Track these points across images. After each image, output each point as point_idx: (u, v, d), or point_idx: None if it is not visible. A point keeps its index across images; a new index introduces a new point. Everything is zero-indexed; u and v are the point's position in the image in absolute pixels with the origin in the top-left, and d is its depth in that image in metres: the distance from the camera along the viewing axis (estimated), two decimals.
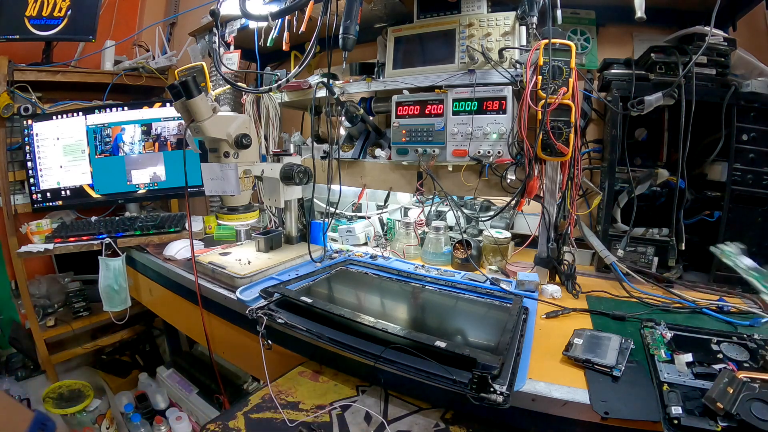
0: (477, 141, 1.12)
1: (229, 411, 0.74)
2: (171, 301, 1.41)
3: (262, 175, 1.21)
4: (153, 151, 1.87)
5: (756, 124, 1.02)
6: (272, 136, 1.65)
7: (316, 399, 0.77)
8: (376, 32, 1.40)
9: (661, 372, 0.67)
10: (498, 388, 0.62)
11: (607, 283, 1.11)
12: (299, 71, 1.24)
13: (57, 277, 2.12)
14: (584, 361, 0.70)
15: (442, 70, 1.17)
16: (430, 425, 0.70)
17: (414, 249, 1.40)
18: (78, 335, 1.99)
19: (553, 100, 0.98)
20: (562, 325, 0.88)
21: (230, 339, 1.16)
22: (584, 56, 1.31)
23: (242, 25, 1.57)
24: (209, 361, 1.65)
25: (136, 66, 2.21)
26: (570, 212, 1.10)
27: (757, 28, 1.19)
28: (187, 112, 1.01)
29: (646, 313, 0.91)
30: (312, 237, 1.36)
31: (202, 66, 1.50)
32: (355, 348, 0.77)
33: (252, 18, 1.30)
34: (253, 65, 1.82)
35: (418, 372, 0.69)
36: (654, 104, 1.03)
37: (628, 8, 1.02)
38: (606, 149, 1.22)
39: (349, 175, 1.44)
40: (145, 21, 2.59)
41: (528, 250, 1.24)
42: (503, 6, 1.15)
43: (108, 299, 1.59)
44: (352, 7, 1.02)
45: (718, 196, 1.09)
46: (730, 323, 0.87)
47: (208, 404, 1.68)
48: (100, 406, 1.82)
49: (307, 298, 0.91)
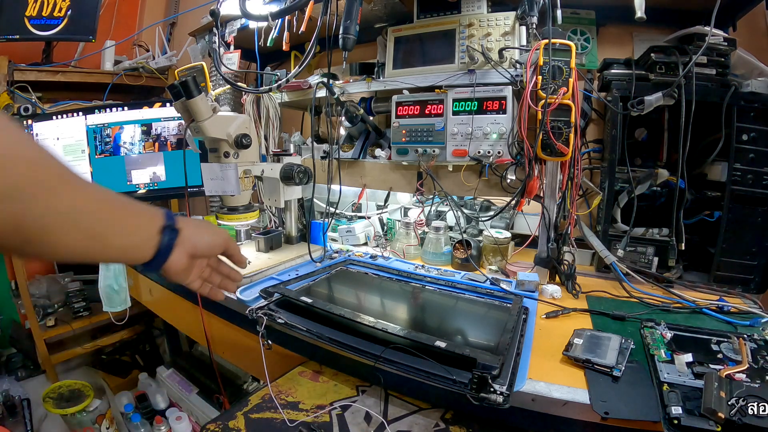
0: (477, 141, 1.12)
1: (229, 411, 0.74)
2: (171, 301, 1.41)
3: (262, 175, 1.21)
4: (153, 151, 1.87)
5: (756, 124, 1.02)
6: (272, 136, 1.65)
7: (316, 399, 0.77)
8: (376, 32, 1.40)
9: (661, 372, 0.67)
10: (498, 388, 0.62)
11: (607, 283, 1.11)
12: (299, 71, 1.24)
13: (57, 277, 2.12)
14: (584, 361, 0.70)
15: (442, 70, 1.17)
16: (430, 425, 0.70)
17: (414, 249, 1.40)
18: (78, 335, 2.00)
19: (553, 100, 0.98)
20: (562, 325, 0.88)
21: (230, 339, 1.16)
22: (584, 56, 1.31)
23: (242, 25, 1.57)
24: (209, 361, 1.65)
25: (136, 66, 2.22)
26: (570, 212, 1.10)
27: (757, 28, 1.19)
28: (187, 112, 1.01)
29: (646, 313, 0.91)
30: (312, 237, 1.36)
31: (202, 66, 1.50)
32: (355, 348, 0.77)
33: (252, 18, 1.30)
34: (253, 65, 1.82)
35: (418, 372, 0.69)
36: (654, 104, 1.03)
37: (628, 8, 1.02)
38: (606, 149, 1.22)
39: (349, 175, 1.44)
40: (145, 21, 2.60)
41: (528, 250, 1.24)
42: (503, 6, 1.15)
43: (108, 299, 1.59)
44: (352, 7, 1.02)
45: (718, 196, 1.09)
46: (730, 323, 0.87)
47: (208, 404, 1.68)
48: (100, 406, 1.82)
49: (307, 298, 0.91)
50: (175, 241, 0.55)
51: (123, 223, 0.49)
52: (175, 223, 0.55)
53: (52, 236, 0.42)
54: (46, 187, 0.40)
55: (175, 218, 0.56)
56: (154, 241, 0.53)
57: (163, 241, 0.53)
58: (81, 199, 0.44)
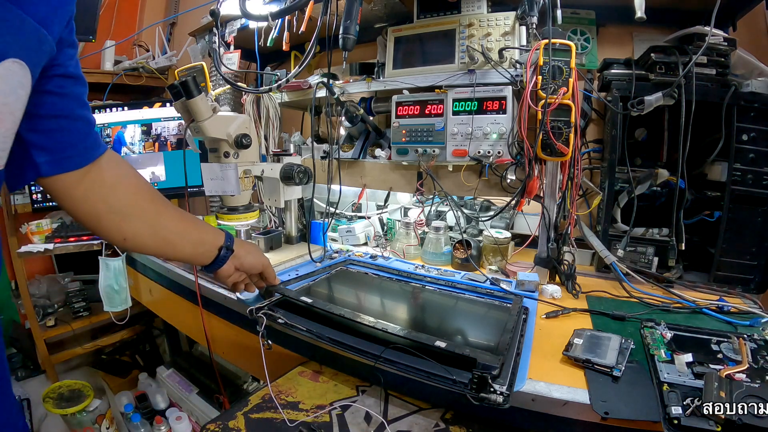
0: (477, 141, 1.12)
1: (229, 411, 0.74)
2: (171, 301, 1.41)
3: (262, 175, 1.21)
4: (153, 151, 1.87)
5: (756, 124, 1.02)
6: (272, 136, 1.65)
7: (316, 399, 0.77)
8: (376, 32, 1.40)
9: (661, 372, 0.67)
10: (498, 388, 0.62)
11: (607, 283, 1.11)
12: (299, 71, 1.24)
13: (57, 277, 2.12)
14: (584, 361, 0.70)
15: (442, 70, 1.17)
16: (430, 425, 0.70)
17: (414, 249, 1.40)
18: (78, 335, 1.99)
19: (553, 100, 0.98)
20: (562, 325, 0.88)
21: (230, 339, 1.16)
22: (584, 56, 1.31)
23: (242, 25, 1.57)
24: (209, 361, 1.65)
25: (136, 66, 2.22)
26: (570, 212, 1.10)
27: (757, 28, 1.19)
28: (187, 112, 1.01)
29: (646, 313, 0.91)
30: (312, 237, 1.36)
31: (202, 66, 1.50)
32: (355, 348, 0.77)
33: (252, 18, 1.30)
34: (253, 65, 1.82)
35: (418, 372, 0.69)
36: (654, 104, 1.03)
37: (628, 8, 1.02)
38: (606, 149, 1.22)
39: (349, 175, 1.44)
40: (145, 21, 2.60)
41: (528, 250, 1.24)
42: (503, 6, 1.15)
43: (108, 299, 1.59)
44: (352, 7, 1.02)
45: (718, 196, 1.09)
46: (730, 323, 0.87)
47: (208, 404, 1.68)
48: (100, 406, 1.81)
49: (307, 298, 0.91)
50: (228, 257, 0.77)
51: (192, 237, 0.72)
52: (232, 244, 0.78)
53: (140, 239, 0.65)
54: (141, 207, 0.64)
55: (234, 239, 0.79)
56: (213, 254, 0.76)
57: (220, 255, 0.76)
58: (164, 216, 0.67)
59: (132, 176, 0.64)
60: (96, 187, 0.58)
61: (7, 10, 0.36)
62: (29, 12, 0.38)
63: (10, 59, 0.37)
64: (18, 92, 0.39)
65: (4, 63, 0.37)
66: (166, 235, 0.67)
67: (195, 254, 0.74)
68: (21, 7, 0.37)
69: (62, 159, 0.53)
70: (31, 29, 0.39)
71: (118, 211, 0.61)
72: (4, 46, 0.37)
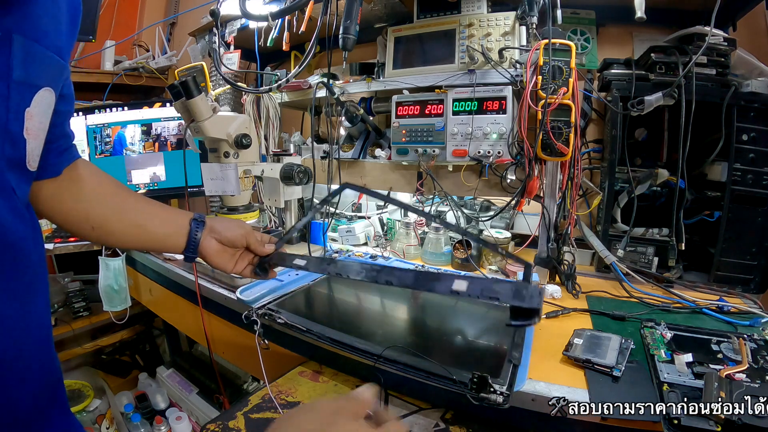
0: (477, 141, 1.12)
1: (229, 411, 0.74)
2: (171, 301, 1.41)
3: (262, 175, 1.21)
4: (153, 151, 1.87)
5: (756, 124, 1.02)
6: (272, 136, 1.65)
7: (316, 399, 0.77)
8: (376, 32, 1.40)
9: (661, 372, 0.67)
10: (498, 388, 0.62)
11: (607, 283, 1.11)
12: (299, 71, 1.24)
13: (57, 277, 2.11)
14: (584, 361, 0.70)
15: (442, 70, 1.17)
16: (430, 425, 0.70)
17: (414, 249, 1.40)
18: (78, 335, 1.99)
19: (553, 100, 0.98)
20: (562, 325, 0.88)
21: (230, 339, 1.16)
22: (584, 56, 1.31)
23: (242, 25, 1.57)
24: (209, 361, 1.65)
25: (136, 66, 2.21)
26: (570, 212, 1.10)
27: (757, 28, 1.19)
28: (187, 112, 1.01)
29: (646, 313, 0.91)
30: (312, 237, 1.36)
31: (202, 66, 1.50)
32: (355, 348, 0.77)
33: (252, 18, 1.30)
34: (253, 65, 1.82)
35: (418, 372, 0.69)
36: (654, 104, 1.03)
37: (628, 8, 1.02)
38: (606, 149, 1.22)
39: (349, 175, 1.43)
40: (145, 21, 2.59)
41: (528, 250, 1.24)
42: (503, 6, 1.15)
43: (108, 299, 1.59)
44: (352, 7, 1.02)
45: (718, 196, 1.09)
46: (730, 323, 0.87)
47: (208, 404, 1.68)
48: (100, 406, 1.82)
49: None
50: (202, 229, 0.71)
51: (160, 216, 0.70)
52: (201, 217, 0.72)
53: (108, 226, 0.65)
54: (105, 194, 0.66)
55: (204, 216, 0.73)
56: (185, 230, 0.70)
57: (192, 228, 0.70)
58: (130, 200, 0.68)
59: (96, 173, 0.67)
60: (65, 184, 0.62)
61: (33, 48, 0.44)
62: (50, 46, 0.46)
63: (44, 88, 0.46)
64: (48, 113, 0.49)
65: (39, 92, 0.45)
66: (133, 218, 0.67)
67: (167, 234, 0.70)
68: (41, 42, 0.45)
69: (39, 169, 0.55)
70: (54, 61, 0.47)
71: (83, 199, 0.63)
72: (38, 78, 0.45)
